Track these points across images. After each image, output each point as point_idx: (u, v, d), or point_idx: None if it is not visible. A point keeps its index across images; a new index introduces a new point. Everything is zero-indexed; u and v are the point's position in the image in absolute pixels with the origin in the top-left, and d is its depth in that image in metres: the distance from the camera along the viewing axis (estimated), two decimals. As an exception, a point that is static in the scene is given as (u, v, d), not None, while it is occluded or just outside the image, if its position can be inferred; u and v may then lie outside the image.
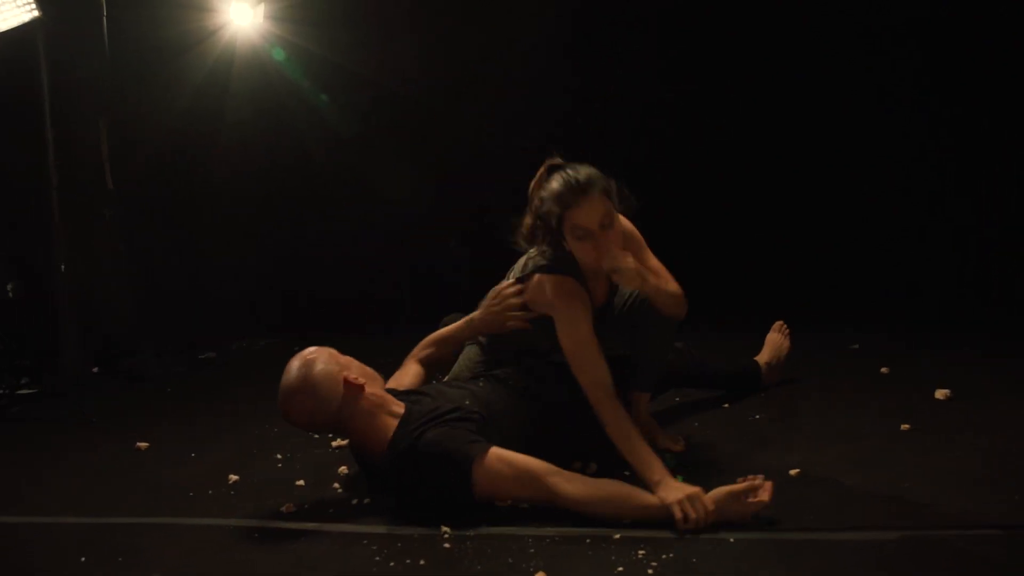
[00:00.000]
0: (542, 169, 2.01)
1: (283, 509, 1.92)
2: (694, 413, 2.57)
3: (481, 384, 2.10)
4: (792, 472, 1.96)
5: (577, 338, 1.97)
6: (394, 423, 1.93)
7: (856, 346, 3.44)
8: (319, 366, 1.94)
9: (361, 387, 1.94)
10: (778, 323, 2.86)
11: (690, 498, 1.66)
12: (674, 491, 1.68)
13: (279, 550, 1.71)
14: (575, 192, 1.90)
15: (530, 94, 4.49)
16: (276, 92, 4.65)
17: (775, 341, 2.83)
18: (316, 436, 2.50)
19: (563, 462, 1.88)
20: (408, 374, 2.29)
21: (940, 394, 2.57)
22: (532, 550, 1.63)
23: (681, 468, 1.92)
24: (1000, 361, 2.94)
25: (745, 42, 4.36)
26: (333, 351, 2.04)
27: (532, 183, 2.03)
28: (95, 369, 3.83)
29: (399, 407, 1.98)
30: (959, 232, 4.18)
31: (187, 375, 3.87)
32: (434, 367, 2.35)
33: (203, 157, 4.57)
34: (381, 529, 1.77)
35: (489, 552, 1.60)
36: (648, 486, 1.73)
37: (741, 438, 2.28)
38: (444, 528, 1.73)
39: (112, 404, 3.26)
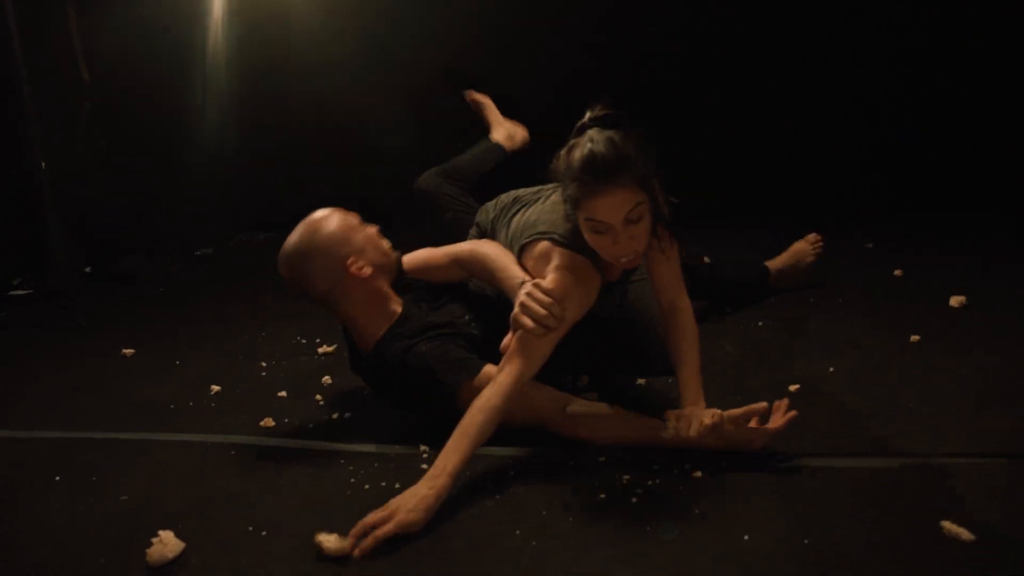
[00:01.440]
0: (579, 123, 1.62)
1: (262, 424, 1.87)
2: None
3: (481, 299, 1.97)
4: (791, 388, 1.87)
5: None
6: (385, 324, 1.82)
7: (870, 245, 3.30)
8: (323, 236, 1.79)
9: (363, 279, 1.79)
10: (813, 235, 2.70)
11: (678, 415, 1.57)
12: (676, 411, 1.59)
13: (252, 469, 1.66)
14: (598, 177, 1.50)
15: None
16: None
17: (800, 251, 2.67)
18: (302, 341, 2.44)
19: (552, 375, 1.77)
20: (435, 257, 2.01)
21: (955, 301, 2.44)
22: (512, 472, 1.56)
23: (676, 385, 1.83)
24: (1017, 267, 2.80)
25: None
26: (351, 220, 1.83)
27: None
28: (88, 269, 3.76)
29: (397, 305, 1.86)
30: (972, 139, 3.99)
31: (182, 274, 3.80)
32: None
33: (186, 41, 4.31)
34: (359, 448, 1.71)
35: (468, 474, 1.54)
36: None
37: (742, 349, 2.18)
38: (423, 447, 1.67)
39: (102, 307, 3.20)
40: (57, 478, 1.68)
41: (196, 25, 4.24)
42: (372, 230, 1.88)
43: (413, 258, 1.98)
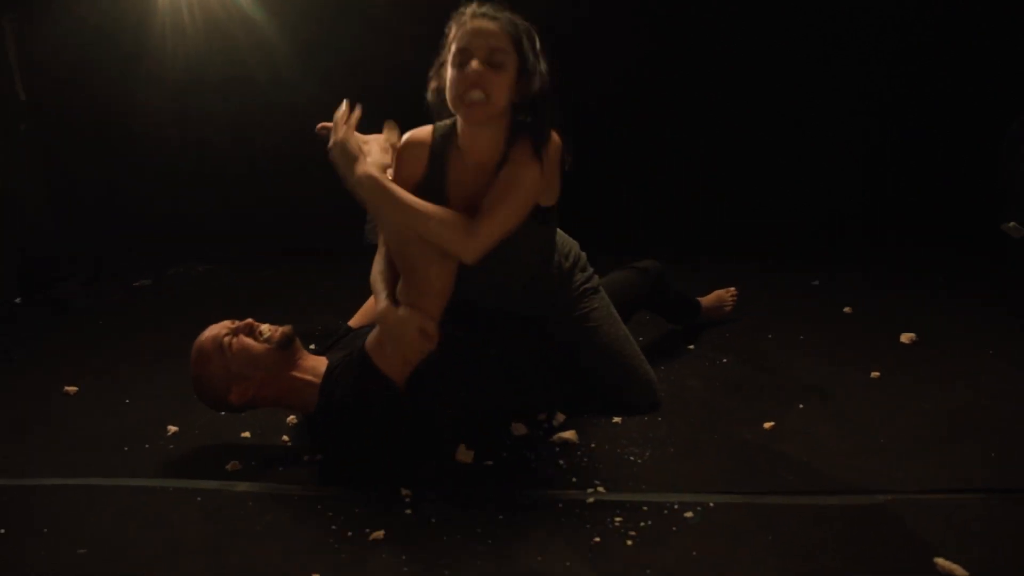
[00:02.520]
0: None
1: (228, 467, 1.77)
2: (659, 354, 2.48)
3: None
4: (766, 425, 1.89)
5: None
6: (312, 390, 1.83)
7: (816, 282, 3.40)
8: (199, 376, 1.84)
9: (247, 399, 1.83)
10: (732, 289, 2.85)
11: None
12: None
13: (223, 518, 1.57)
14: (478, 11, 1.64)
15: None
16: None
17: (720, 298, 2.80)
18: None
19: (528, 411, 1.90)
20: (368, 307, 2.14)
21: (905, 338, 2.54)
22: (501, 516, 1.52)
23: (652, 422, 1.84)
24: (960, 302, 2.95)
25: None
26: (215, 341, 1.80)
27: None
28: (17, 299, 3.54)
29: (319, 365, 1.86)
30: (913, 171, 4.22)
31: (120, 305, 3.62)
32: None
33: (128, 63, 4.16)
34: (336, 492, 1.64)
35: (454, 519, 1.49)
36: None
37: (710, 386, 2.20)
38: (405, 491, 1.61)
39: (36, 339, 3.01)
40: (2, 530, 1.55)
41: (139, 42, 4.10)
42: (239, 343, 1.81)
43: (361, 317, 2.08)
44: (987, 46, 3.99)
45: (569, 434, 1.85)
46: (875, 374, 2.22)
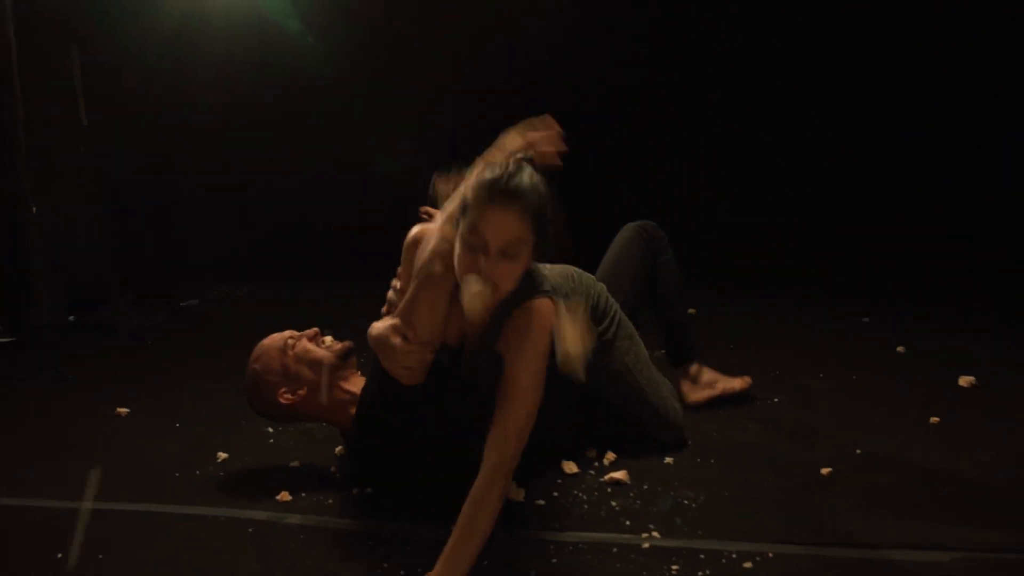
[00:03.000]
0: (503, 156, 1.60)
1: (278, 498, 1.77)
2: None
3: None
4: (823, 471, 1.84)
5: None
6: (353, 407, 1.90)
7: (866, 319, 3.34)
8: (255, 372, 1.92)
9: (296, 401, 1.90)
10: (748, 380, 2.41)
11: None
12: None
13: (274, 551, 1.56)
14: (496, 192, 1.45)
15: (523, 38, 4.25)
16: (263, 28, 4.35)
17: (729, 385, 2.35)
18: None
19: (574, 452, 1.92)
20: None
21: (964, 381, 2.47)
22: (555, 560, 1.50)
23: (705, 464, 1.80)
24: (1019, 342, 2.87)
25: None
26: (278, 343, 1.92)
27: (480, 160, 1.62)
28: (71, 318, 3.62)
29: (355, 388, 1.93)
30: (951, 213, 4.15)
31: (166, 325, 3.68)
32: None
33: (185, 94, 4.29)
34: (387, 528, 1.63)
35: (508, 561, 1.46)
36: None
37: (765, 428, 2.16)
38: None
39: (88, 359, 3.07)
40: (59, 555, 1.56)
41: (196, 73, 4.22)
42: (302, 346, 1.93)
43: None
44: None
45: (620, 474, 1.82)
46: (934, 419, 2.15)
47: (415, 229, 1.72)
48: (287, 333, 1.95)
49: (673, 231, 2.31)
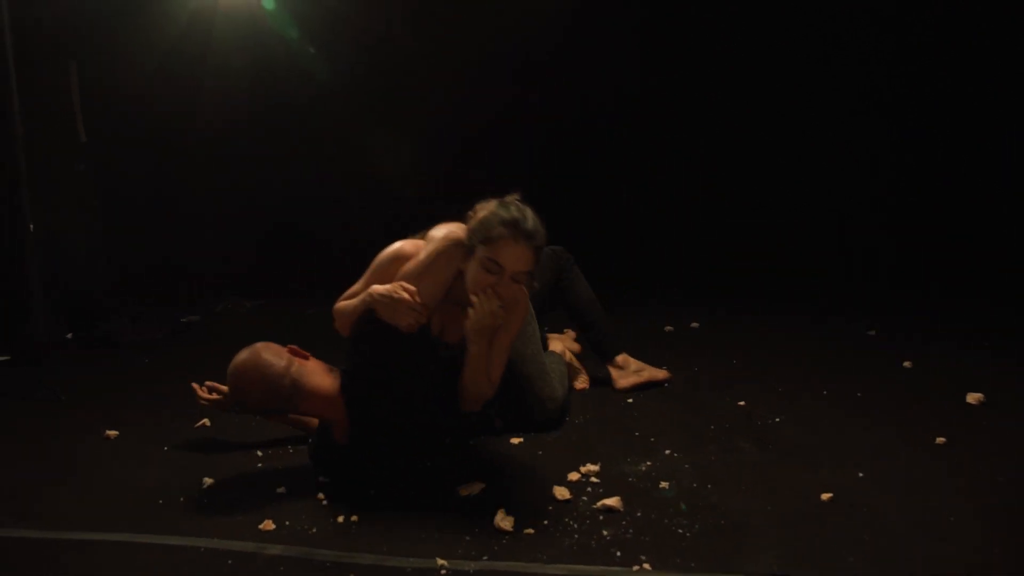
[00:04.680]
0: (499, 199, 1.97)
1: (261, 527, 1.73)
2: (708, 413, 2.38)
3: None
4: (824, 496, 1.78)
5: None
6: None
7: (872, 332, 3.27)
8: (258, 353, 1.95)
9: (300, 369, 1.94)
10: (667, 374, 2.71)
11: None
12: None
13: (255, 582, 1.52)
14: (521, 233, 1.87)
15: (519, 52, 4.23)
16: (263, 39, 4.34)
17: (653, 374, 2.68)
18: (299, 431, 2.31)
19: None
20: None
21: (972, 398, 2.40)
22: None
23: (703, 490, 1.74)
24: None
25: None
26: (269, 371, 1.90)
27: (482, 204, 1.97)
28: (69, 335, 3.60)
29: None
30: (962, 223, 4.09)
31: (166, 342, 3.66)
32: None
33: (184, 107, 4.28)
34: (371, 559, 1.58)
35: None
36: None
37: (762, 450, 2.09)
38: (440, 561, 1.54)
39: (84, 377, 3.05)
40: (34, 586, 1.53)
41: (196, 90, 4.21)
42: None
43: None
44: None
45: (614, 501, 1.77)
46: (940, 440, 2.08)
47: (396, 245, 2.02)
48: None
49: (674, 235, 2.37)
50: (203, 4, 4.06)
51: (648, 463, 2.02)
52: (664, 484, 1.88)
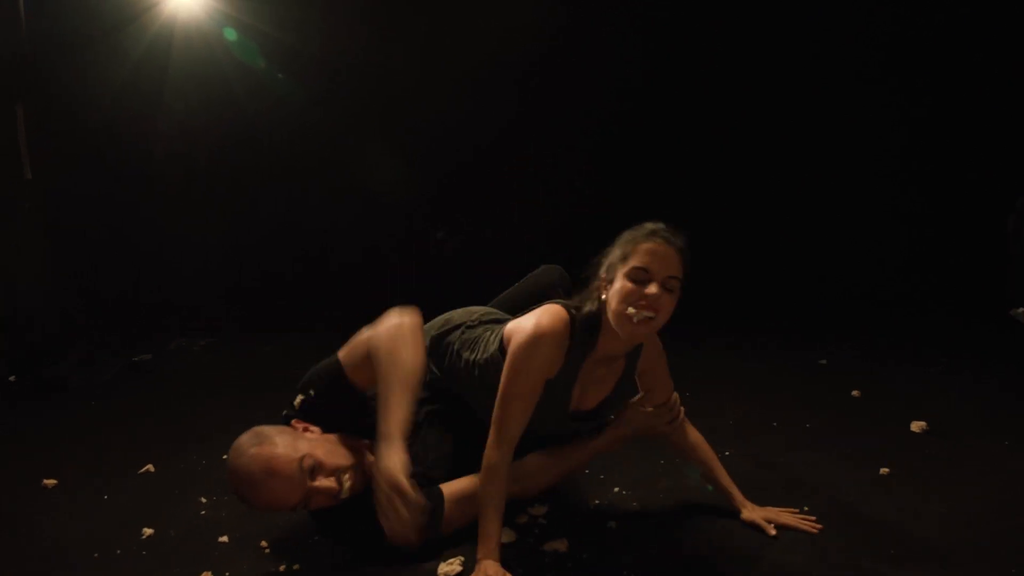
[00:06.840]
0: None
1: (199, 580, 1.68)
2: (658, 447, 2.38)
3: (424, 429, 1.92)
4: (771, 532, 1.79)
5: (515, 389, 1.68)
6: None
7: (824, 361, 3.32)
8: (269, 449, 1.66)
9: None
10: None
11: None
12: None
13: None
14: (659, 235, 1.67)
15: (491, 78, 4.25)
16: (222, 73, 4.33)
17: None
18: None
19: None
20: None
21: (916, 427, 2.45)
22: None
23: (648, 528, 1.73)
24: (972, 383, 2.89)
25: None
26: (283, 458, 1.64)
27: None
28: (11, 378, 3.50)
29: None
30: (922, 242, 4.19)
31: (117, 382, 3.57)
32: None
33: (138, 143, 4.24)
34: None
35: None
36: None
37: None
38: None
39: (25, 423, 2.96)
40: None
41: (145, 128, 4.18)
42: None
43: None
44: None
45: (560, 544, 1.76)
46: (884, 470, 2.12)
47: (366, 333, 1.79)
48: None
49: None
50: (158, 37, 4.05)
51: (597, 501, 2.01)
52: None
